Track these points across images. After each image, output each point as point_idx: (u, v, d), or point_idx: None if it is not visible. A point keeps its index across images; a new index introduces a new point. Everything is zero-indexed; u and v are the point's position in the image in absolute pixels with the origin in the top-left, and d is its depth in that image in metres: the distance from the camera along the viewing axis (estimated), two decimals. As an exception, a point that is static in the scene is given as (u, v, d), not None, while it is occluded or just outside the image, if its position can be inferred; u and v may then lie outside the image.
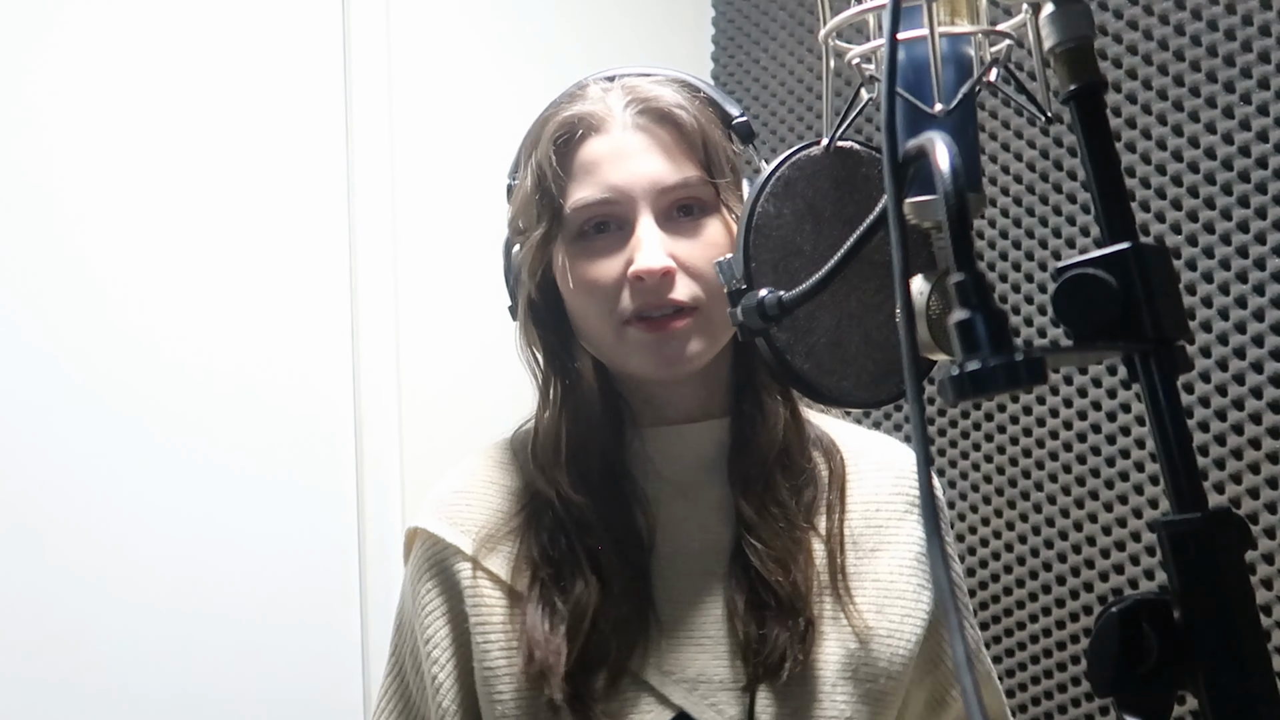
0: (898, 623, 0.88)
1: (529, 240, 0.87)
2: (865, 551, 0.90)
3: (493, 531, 0.89)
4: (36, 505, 1.36)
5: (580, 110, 0.86)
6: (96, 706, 1.39)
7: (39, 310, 1.37)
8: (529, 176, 0.87)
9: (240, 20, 1.52)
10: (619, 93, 0.87)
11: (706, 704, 0.84)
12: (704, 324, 0.84)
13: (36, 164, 1.37)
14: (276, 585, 1.52)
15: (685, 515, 0.90)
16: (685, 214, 0.85)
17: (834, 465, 0.92)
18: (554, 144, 0.85)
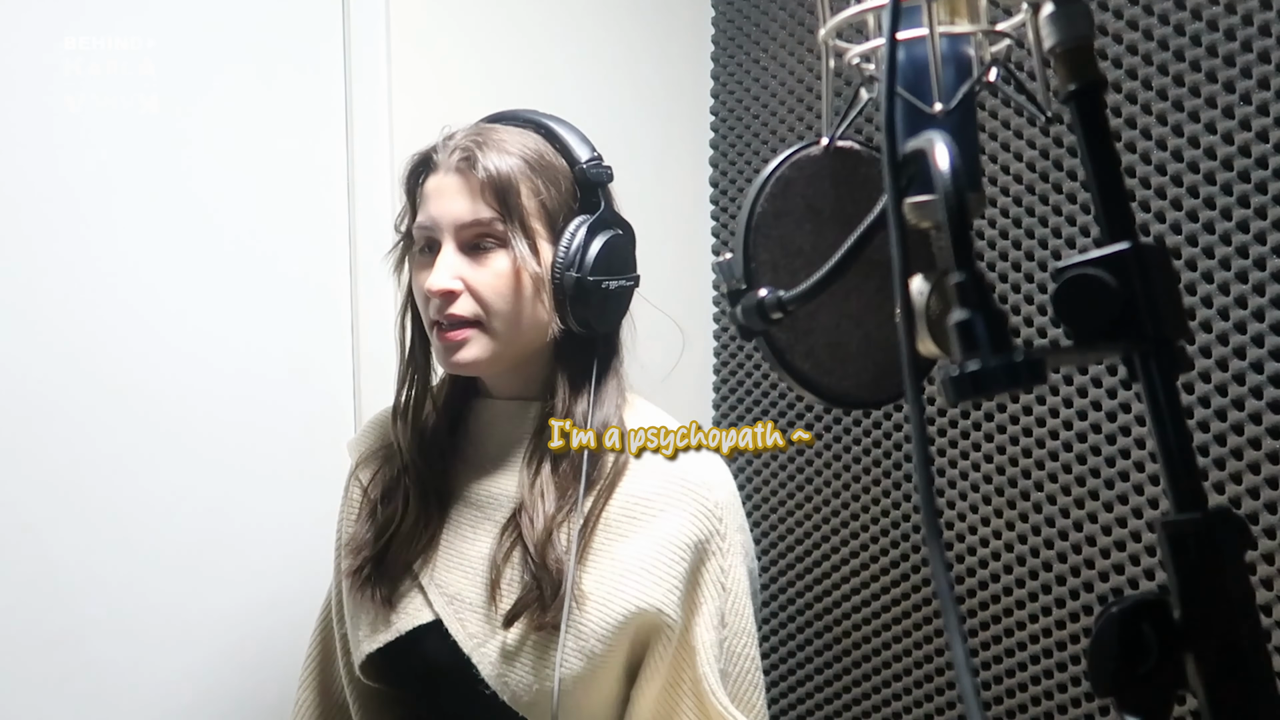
0: (610, 593, 1.03)
1: (397, 246, 1.16)
2: (614, 535, 1.06)
3: (370, 456, 1.23)
4: (37, 505, 1.36)
5: (430, 149, 1.10)
6: (96, 706, 1.39)
7: (39, 310, 1.37)
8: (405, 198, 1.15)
9: (242, 16, 1.52)
10: (463, 137, 1.08)
11: (457, 618, 1.08)
12: (484, 336, 1.06)
13: (37, 160, 1.37)
14: (277, 585, 1.52)
15: (487, 473, 1.13)
16: (479, 247, 1.05)
17: (619, 458, 1.09)
18: (407, 175, 1.13)
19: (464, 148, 1.06)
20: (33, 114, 1.37)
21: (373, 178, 1.61)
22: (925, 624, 1.55)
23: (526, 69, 1.72)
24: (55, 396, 1.38)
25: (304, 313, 1.57)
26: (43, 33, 1.38)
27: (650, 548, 1.04)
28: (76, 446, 1.39)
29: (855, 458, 1.64)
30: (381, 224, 1.61)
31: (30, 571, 1.35)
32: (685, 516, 1.05)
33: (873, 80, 0.63)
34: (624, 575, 1.04)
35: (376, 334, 1.61)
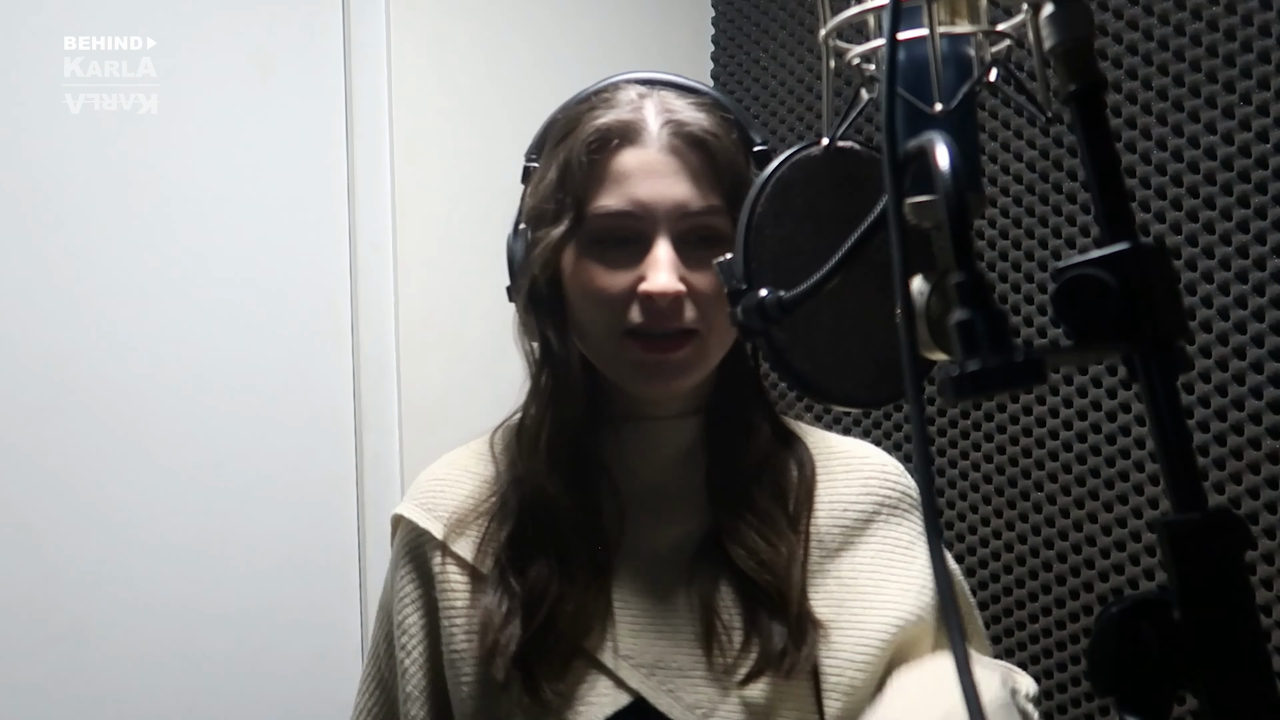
0: (859, 615, 0.88)
1: (546, 234, 0.87)
2: (830, 550, 0.91)
3: (463, 516, 0.91)
4: (36, 505, 1.36)
5: (617, 118, 0.86)
6: (96, 706, 1.39)
7: (40, 311, 1.37)
8: (554, 169, 0.87)
9: (242, 16, 1.52)
10: (655, 107, 0.87)
11: (664, 689, 0.86)
12: (701, 349, 0.86)
13: (37, 160, 1.37)
14: (276, 585, 1.52)
15: (655, 507, 0.91)
16: (702, 243, 0.85)
17: (804, 465, 0.93)
18: (587, 146, 0.85)
19: (679, 121, 0.87)
20: (33, 114, 1.37)
21: (373, 178, 1.61)
22: (925, 624, 1.55)
23: (526, 69, 1.72)
24: (55, 396, 1.38)
25: (304, 312, 1.57)
26: (43, 33, 1.38)
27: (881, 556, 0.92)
28: (76, 447, 1.39)
29: (855, 458, 1.64)
30: (381, 224, 1.61)
31: (30, 571, 1.35)
32: (900, 513, 0.94)
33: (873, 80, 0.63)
34: (864, 594, 0.90)
35: (377, 334, 1.61)
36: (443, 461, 0.98)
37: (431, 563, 0.92)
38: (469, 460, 0.97)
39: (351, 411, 1.60)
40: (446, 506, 0.93)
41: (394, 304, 1.62)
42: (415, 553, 0.93)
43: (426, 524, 0.92)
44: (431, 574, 0.91)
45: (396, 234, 1.62)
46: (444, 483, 0.95)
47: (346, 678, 1.57)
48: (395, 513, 0.97)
